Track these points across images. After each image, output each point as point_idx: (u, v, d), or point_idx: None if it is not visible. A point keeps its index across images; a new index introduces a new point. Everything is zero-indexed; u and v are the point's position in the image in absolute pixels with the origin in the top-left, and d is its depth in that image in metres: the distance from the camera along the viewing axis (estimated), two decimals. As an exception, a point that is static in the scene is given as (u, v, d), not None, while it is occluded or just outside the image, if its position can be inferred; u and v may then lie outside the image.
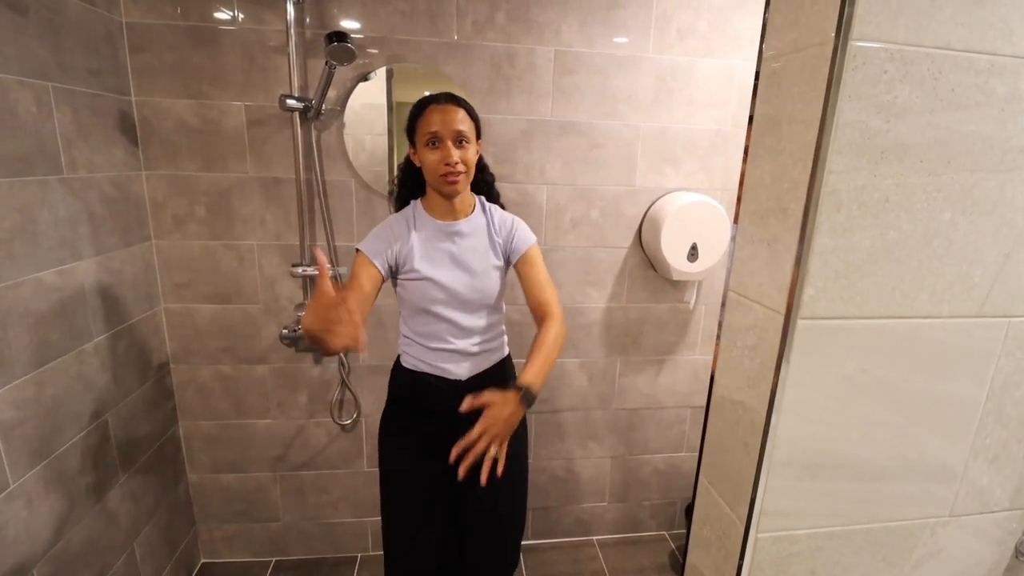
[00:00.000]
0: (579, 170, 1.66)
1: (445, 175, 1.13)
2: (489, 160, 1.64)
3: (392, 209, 1.34)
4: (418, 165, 1.19)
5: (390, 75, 1.56)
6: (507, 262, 1.24)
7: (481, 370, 1.25)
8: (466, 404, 1.02)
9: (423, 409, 1.24)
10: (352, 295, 0.88)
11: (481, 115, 1.62)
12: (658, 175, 1.72)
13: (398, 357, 1.30)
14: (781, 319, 0.61)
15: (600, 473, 1.99)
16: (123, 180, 1.46)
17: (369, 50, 1.53)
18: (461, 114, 1.14)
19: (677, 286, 1.83)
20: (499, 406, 1.02)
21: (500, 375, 1.29)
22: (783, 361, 0.61)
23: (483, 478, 0.99)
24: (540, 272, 1.23)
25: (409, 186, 1.27)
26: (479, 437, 1.00)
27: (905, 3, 0.54)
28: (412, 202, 1.25)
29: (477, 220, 1.23)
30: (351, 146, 1.60)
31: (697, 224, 1.64)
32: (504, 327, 1.31)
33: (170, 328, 1.66)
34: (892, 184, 0.58)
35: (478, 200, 1.26)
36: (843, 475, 0.68)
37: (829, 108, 0.55)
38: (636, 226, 1.74)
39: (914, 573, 0.77)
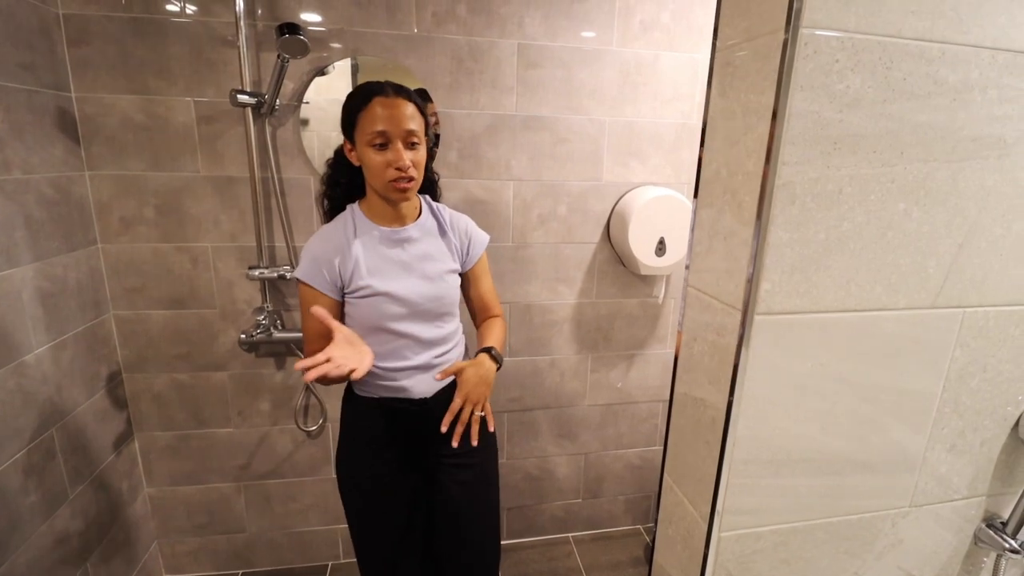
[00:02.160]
0: (545, 165, 1.64)
1: (395, 181, 1.01)
2: (453, 156, 1.60)
3: (322, 217, 1.16)
4: (356, 164, 1.06)
5: (355, 69, 1.51)
6: (462, 265, 1.18)
7: (447, 383, 1.16)
8: (441, 374, 1.08)
9: (388, 439, 1.15)
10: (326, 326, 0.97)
11: (444, 110, 1.60)
12: (625, 169, 1.71)
13: (348, 386, 1.18)
14: (739, 315, 0.60)
15: (574, 470, 1.98)
16: (64, 181, 1.38)
17: (331, 44, 1.47)
18: (411, 109, 1.01)
19: (646, 280, 1.82)
20: (472, 368, 1.08)
21: None
22: (741, 357, 0.60)
23: (474, 440, 1.07)
24: (488, 278, 1.24)
25: (344, 187, 1.13)
26: (462, 407, 1.06)
27: (855, -10, 0.52)
28: (349, 207, 1.11)
29: (426, 223, 1.13)
30: (315, 143, 1.54)
31: (664, 218, 1.64)
32: (463, 333, 1.24)
33: (121, 336, 1.58)
34: (846, 175, 0.57)
35: (423, 200, 1.16)
36: (804, 470, 0.67)
37: (781, 98, 0.54)
38: (604, 221, 1.73)
39: (876, 564, 0.77)
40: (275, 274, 1.55)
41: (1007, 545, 0.77)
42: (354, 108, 1.02)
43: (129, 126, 1.44)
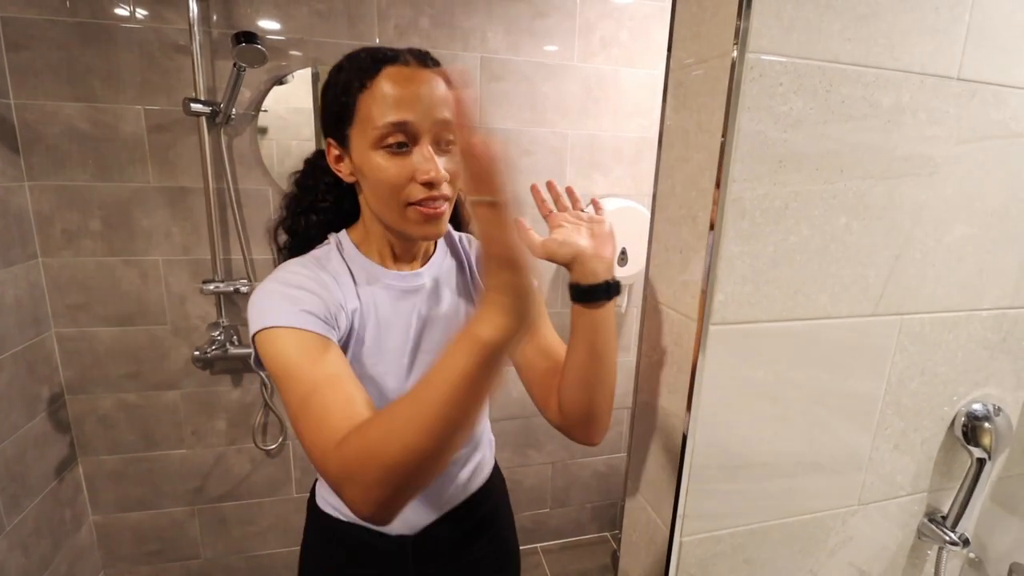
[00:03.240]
0: (510, 177, 1.65)
1: (421, 204, 0.63)
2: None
3: (277, 256, 0.78)
4: (348, 179, 0.69)
5: (316, 79, 1.49)
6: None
7: (456, 504, 0.80)
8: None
9: None
10: None
11: (408, 121, 1.60)
12: (587, 181, 1.74)
13: (313, 487, 0.85)
14: (695, 325, 0.62)
15: (541, 480, 1.98)
16: (1, 192, 1.30)
17: (291, 52, 1.45)
18: (444, 89, 0.63)
19: (610, 290, 1.86)
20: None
21: (488, 509, 0.87)
22: (698, 366, 0.62)
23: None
24: (547, 320, 0.81)
25: (323, 216, 0.76)
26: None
27: (797, 18, 0.56)
28: (333, 236, 0.73)
29: (443, 262, 0.77)
30: (274, 151, 1.51)
31: (626, 229, 1.67)
32: (491, 433, 0.92)
33: (63, 355, 1.49)
34: (791, 192, 0.60)
35: None
36: (760, 474, 0.70)
37: (730, 119, 0.56)
38: (568, 232, 1.76)
39: (829, 561, 0.80)
40: (231, 288, 1.50)
41: (947, 538, 0.81)
42: (350, 86, 0.64)
43: (74, 135, 1.37)
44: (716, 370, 0.63)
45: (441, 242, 0.79)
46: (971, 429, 0.79)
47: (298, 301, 0.59)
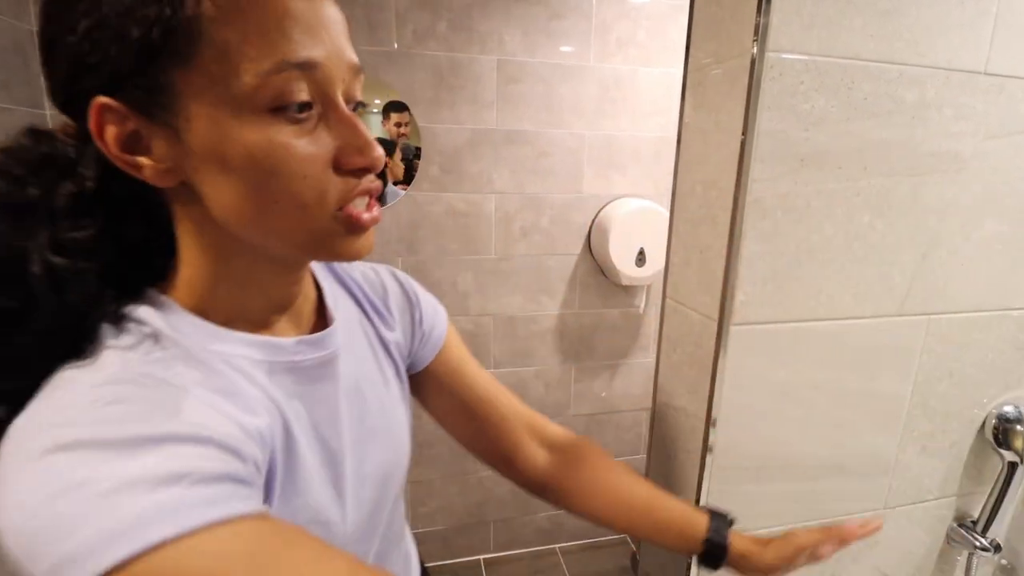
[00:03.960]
0: (527, 179, 1.66)
1: (356, 204, 0.37)
2: (435, 170, 1.61)
3: None
4: (160, 180, 0.34)
5: None
6: (414, 359, 0.56)
7: None
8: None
9: None
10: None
11: (425, 124, 1.61)
12: (605, 182, 1.73)
13: None
14: (715, 325, 0.62)
15: (560, 481, 1.98)
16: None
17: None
18: (344, 22, 0.37)
19: (628, 291, 1.85)
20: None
21: None
22: (719, 367, 0.62)
23: None
24: (474, 361, 0.61)
25: (88, 258, 0.34)
26: None
27: (817, 15, 0.55)
28: (138, 309, 0.36)
29: (342, 308, 0.48)
30: None
31: (644, 229, 1.67)
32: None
33: None
34: (813, 190, 0.59)
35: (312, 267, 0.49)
36: (782, 475, 0.69)
37: (750, 118, 0.56)
38: (585, 233, 1.76)
39: (853, 565, 0.79)
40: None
41: (977, 543, 0.79)
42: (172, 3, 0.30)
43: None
44: (737, 371, 0.62)
45: (327, 276, 0.49)
46: (1003, 432, 0.77)
47: (186, 468, 0.28)
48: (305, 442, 0.40)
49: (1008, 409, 0.77)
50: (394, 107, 1.54)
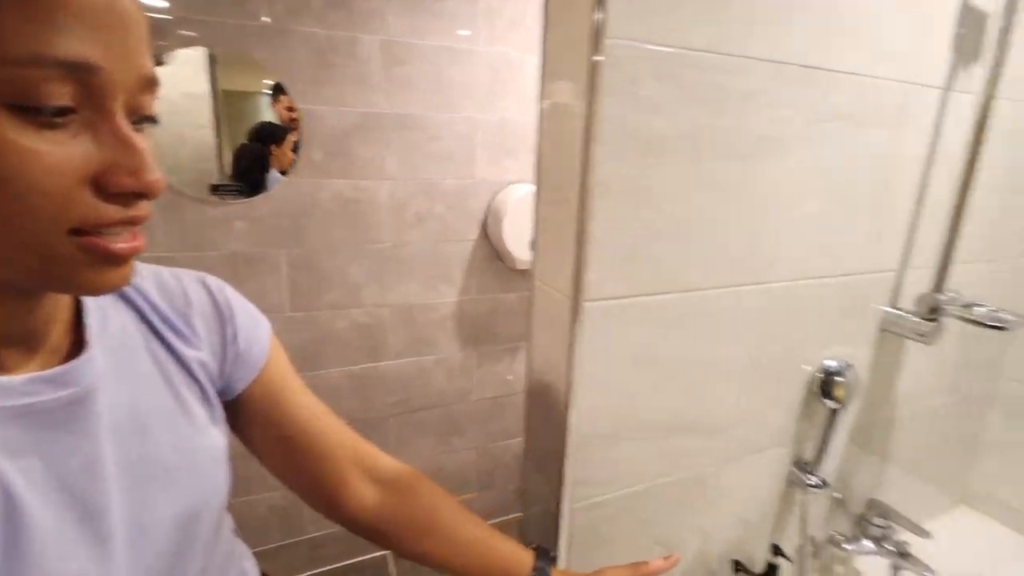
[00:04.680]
0: (420, 164, 1.63)
1: (108, 234, 0.32)
2: (318, 155, 1.54)
3: None
4: None
5: (212, 60, 1.38)
6: (229, 383, 0.50)
7: None
8: None
9: None
10: None
11: (308, 106, 1.53)
12: (498, 168, 1.75)
13: None
14: (570, 302, 0.65)
15: (465, 465, 2.01)
16: None
17: (178, 32, 1.33)
18: (144, 23, 0.33)
19: (524, 275, 1.89)
20: None
21: None
22: (575, 341, 0.65)
23: None
24: (299, 383, 0.55)
25: None
26: None
27: (650, 5, 0.59)
28: None
29: (109, 324, 0.41)
30: (168, 141, 1.39)
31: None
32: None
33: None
34: (655, 174, 0.64)
35: None
36: (640, 439, 0.74)
37: (593, 103, 0.59)
38: (481, 219, 1.77)
39: (708, 511, 0.87)
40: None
41: (810, 482, 0.91)
42: None
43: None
44: (593, 344, 0.66)
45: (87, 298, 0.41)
46: (826, 384, 0.88)
47: None
48: (39, 503, 0.33)
49: (829, 363, 0.89)
50: (285, 88, 1.44)
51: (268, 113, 1.46)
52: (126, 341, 0.41)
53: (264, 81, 1.43)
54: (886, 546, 1.01)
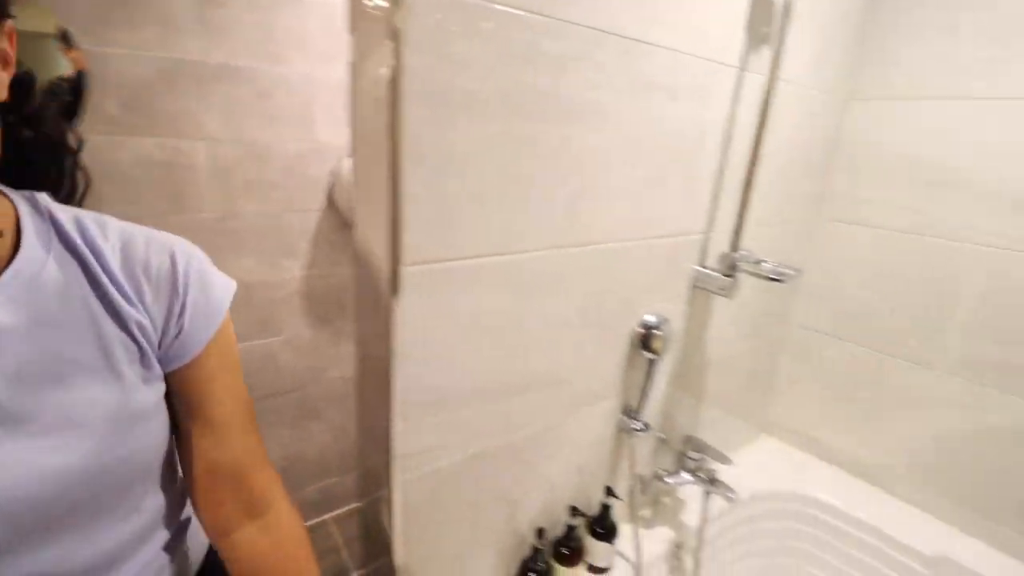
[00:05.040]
0: (248, 124, 1.45)
1: None
2: (112, 107, 1.28)
3: None
4: None
5: None
6: (164, 361, 0.48)
7: None
8: None
9: None
10: None
11: (96, 48, 1.26)
12: (343, 130, 1.63)
13: None
14: (389, 267, 0.62)
15: (324, 449, 1.91)
16: None
17: None
18: None
19: (380, 246, 1.81)
20: None
21: None
22: (397, 307, 0.62)
23: None
24: (234, 385, 0.53)
25: None
26: None
27: (457, -45, 0.56)
28: None
29: (31, 268, 0.41)
30: None
31: (388, 182, 1.63)
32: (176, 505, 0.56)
33: None
34: (471, 134, 0.62)
35: (24, 204, 0.43)
36: (470, 403, 0.75)
37: (399, 58, 0.55)
38: (326, 186, 1.64)
39: (549, 464, 0.92)
40: None
41: (636, 427, 1.00)
42: None
43: None
44: (416, 310, 0.64)
45: (31, 228, 0.42)
46: (645, 337, 0.97)
47: None
48: None
49: (649, 318, 0.97)
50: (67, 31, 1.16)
51: (63, 63, 1.18)
52: (63, 291, 0.42)
53: (53, 22, 1.15)
54: (700, 475, 1.16)
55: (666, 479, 1.16)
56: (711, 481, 1.14)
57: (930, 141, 1.16)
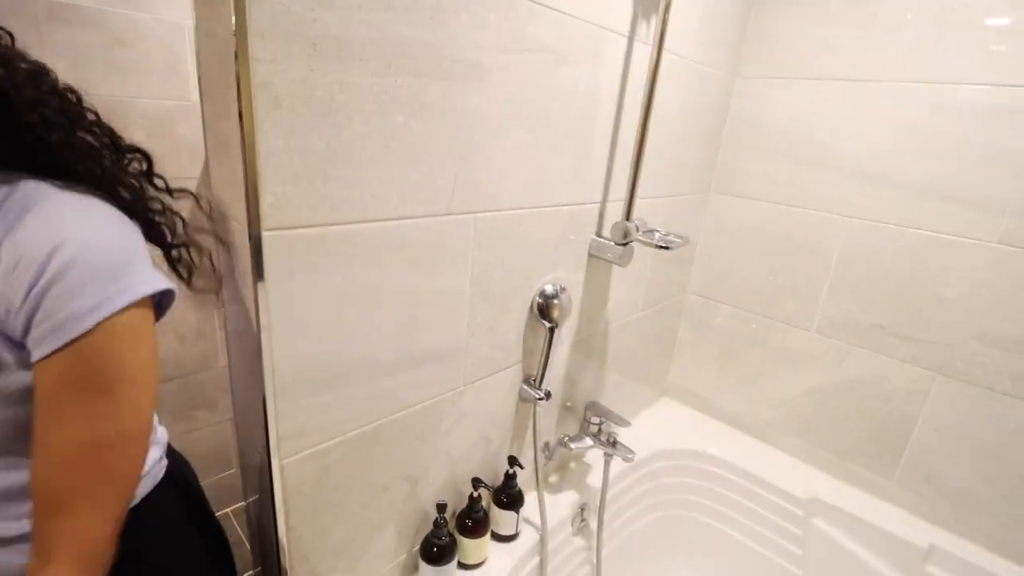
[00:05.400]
0: (98, 75, 1.26)
1: None
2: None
3: None
4: None
5: None
6: (20, 344, 0.45)
7: None
8: None
9: None
10: None
11: None
12: (224, 91, 1.47)
13: None
14: (248, 231, 0.55)
15: (221, 441, 1.77)
16: None
17: None
18: None
19: (273, 219, 1.68)
20: None
21: None
22: (260, 278, 0.56)
23: None
24: (64, 418, 0.46)
25: None
26: None
27: None
28: None
29: None
30: None
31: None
32: None
33: None
34: (335, 81, 0.56)
35: None
36: (356, 380, 0.70)
37: (243, -15, 0.48)
38: (202, 149, 1.48)
39: (447, 439, 0.90)
40: None
41: (537, 395, 1.00)
42: None
43: None
44: (283, 281, 0.58)
45: None
46: (544, 307, 0.96)
47: None
48: None
49: (547, 288, 0.97)
50: None
51: None
52: None
53: None
54: (601, 439, 1.20)
55: (570, 444, 1.19)
56: (612, 443, 1.18)
57: (802, 119, 1.24)
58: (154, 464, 0.59)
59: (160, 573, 0.60)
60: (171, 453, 0.65)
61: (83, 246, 0.44)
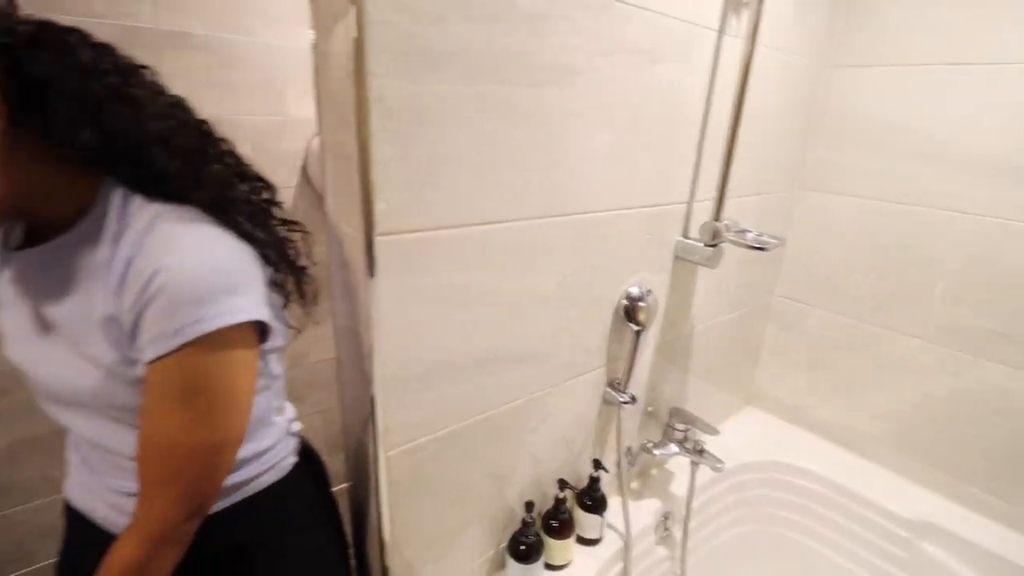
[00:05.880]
0: (207, 95, 1.38)
1: None
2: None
3: None
4: None
5: None
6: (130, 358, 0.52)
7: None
8: None
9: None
10: None
11: (43, 16, 1.18)
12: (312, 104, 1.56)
13: None
14: (362, 238, 0.58)
15: (312, 431, 1.88)
16: None
17: None
18: None
19: (358, 225, 1.76)
20: None
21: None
22: (372, 281, 0.59)
23: None
24: (167, 415, 0.52)
25: None
26: None
27: None
28: None
29: (83, 244, 0.52)
30: None
31: (364, 157, 1.58)
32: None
33: None
34: (437, 92, 0.58)
35: (112, 196, 0.52)
36: (451, 378, 0.72)
37: (362, 8, 0.51)
38: (299, 163, 1.58)
39: (533, 437, 0.90)
40: None
41: (622, 399, 0.99)
42: None
43: None
44: (392, 282, 0.61)
45: (108, 210, 0.52)
46: (629, 309, 0.95)
47: None
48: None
49: (633, 290, 0.95)
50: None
51: None
52: (83, 269, 0.52)
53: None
54: (686, 446, 1.16)
55: (653, 451, 1.16)
56: (699, 452, 1.15)
57: (910, 109, 1.15)
58: (281, 459, 0.64)
59: (286, 563, 0.66)
60: (307, 451, 0.71)
61: (179, 272, 0.48)
